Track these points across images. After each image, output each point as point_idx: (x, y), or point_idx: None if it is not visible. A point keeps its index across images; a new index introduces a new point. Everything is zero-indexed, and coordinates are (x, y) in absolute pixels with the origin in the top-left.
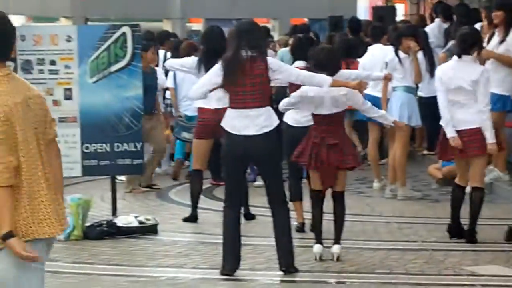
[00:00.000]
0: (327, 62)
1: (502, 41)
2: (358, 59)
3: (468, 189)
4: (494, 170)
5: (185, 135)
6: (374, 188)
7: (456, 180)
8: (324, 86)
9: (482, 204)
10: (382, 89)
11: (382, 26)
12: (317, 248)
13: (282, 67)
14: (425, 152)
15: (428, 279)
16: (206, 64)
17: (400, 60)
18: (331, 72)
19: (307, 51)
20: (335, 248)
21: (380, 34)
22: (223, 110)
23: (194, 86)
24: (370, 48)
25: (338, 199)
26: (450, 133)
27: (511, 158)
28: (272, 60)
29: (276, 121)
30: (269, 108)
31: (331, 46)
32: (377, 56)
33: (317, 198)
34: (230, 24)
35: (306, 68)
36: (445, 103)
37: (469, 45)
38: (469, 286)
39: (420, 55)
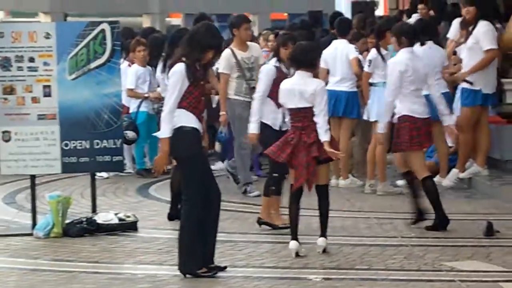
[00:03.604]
0: (302, 58)
1: (469, 35)
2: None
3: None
4: (473, 165)
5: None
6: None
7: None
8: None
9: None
10: (363, 85)
11: (349, 21)
12: (292, 244)
13: None
14: None
15: (408, 275)
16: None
17: (382, 57)
18: (307, 68)
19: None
20: (320, 241)
21: (347, 29)
22: None
23: None
24: (334, 42)
25: (322, 192)
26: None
27: (492, 153)
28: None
29: (178, 123)
30: (178, 111)
31: (308, 42)
32: (341, 52)
33: (295, 194)
34: (209, 19)
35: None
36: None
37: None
38: (449, 282)
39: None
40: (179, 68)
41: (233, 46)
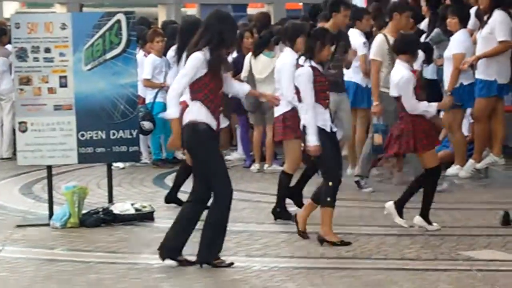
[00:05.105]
0: (398, 46)
1: (485, 24)
2: None
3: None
4: (490, 154)
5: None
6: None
7: None
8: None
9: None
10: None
11: (359, 9)
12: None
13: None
14: None
15: (424, 264)
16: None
17: None
18: (403, 56)
19: None
20: (415, 219)
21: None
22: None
23: None
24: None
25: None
26: None
27: (507, 142)
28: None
29: (192, 118)
30: (192, 103)
31: (409, 33)
32: (353, 44)
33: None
34: (225, 9)
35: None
36: None
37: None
38: (465, 271)
39: None
40: (199, 54)
41: (387, 32)
